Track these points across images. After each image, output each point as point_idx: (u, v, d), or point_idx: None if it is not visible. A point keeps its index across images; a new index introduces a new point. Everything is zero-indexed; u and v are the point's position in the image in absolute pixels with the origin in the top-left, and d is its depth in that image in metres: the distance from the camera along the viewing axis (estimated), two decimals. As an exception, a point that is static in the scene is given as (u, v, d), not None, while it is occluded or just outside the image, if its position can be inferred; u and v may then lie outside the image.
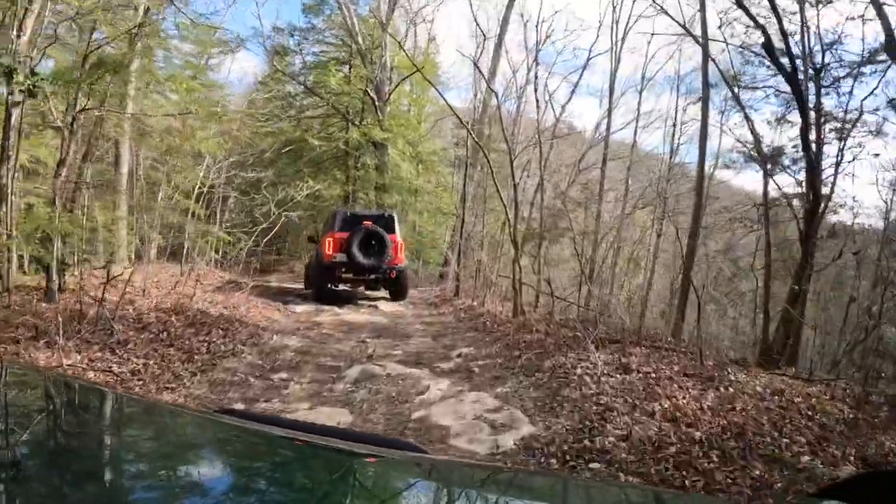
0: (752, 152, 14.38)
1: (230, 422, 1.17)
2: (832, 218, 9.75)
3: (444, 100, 10.60)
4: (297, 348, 7.38)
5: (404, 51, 16.55)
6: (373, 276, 10.64)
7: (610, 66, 21.86)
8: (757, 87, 10.10)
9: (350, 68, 20.56)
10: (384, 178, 19.40)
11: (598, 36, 26.51)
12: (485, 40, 19.55)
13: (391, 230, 10.72)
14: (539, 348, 6.99)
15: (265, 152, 20.78)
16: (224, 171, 15.65)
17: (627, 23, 21.68)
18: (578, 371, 5.85)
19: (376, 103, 19.40)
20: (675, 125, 22.43)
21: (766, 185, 9.73)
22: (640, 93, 22.37)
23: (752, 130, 10.03)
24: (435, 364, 6.60)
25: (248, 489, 0.86)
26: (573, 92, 22.46)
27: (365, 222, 10.52)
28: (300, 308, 10.71)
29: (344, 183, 19.46)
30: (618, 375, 5.87)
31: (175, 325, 7.88)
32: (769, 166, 10.23)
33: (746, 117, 10.08)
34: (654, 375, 5.97)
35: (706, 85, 12.65)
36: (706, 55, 11.95)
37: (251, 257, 19.62)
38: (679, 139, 22.16)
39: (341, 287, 11.23)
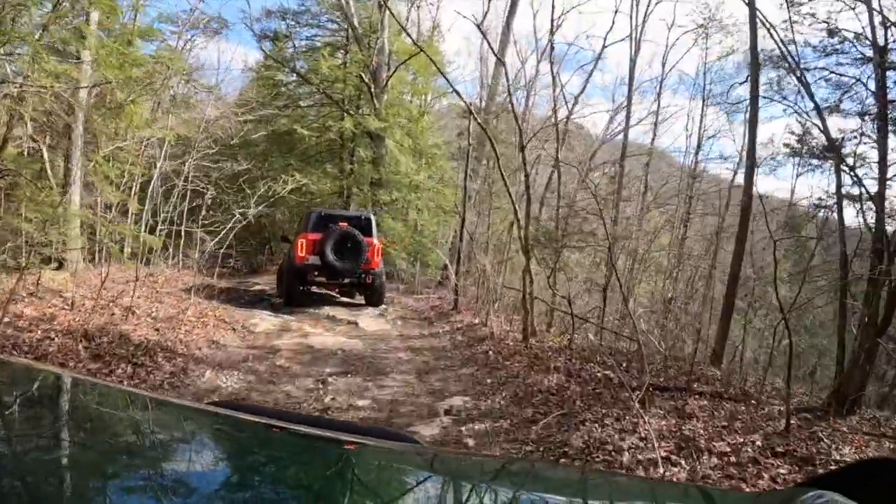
0: (799, 145, 12.25)
1: (223, 413, 1.14)
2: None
3: (447, 80, 8.67)
4: (230, 393, 5.34)
5: (404, 29, 14.52)
6: (347, 280, 9.91)
7: (629, 52, 19.78)
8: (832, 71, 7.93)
9: (346, 53, 18.44)
10: (381, 172, 17.33)
11: (613, 23, 24.08)
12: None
13: (368, 232, 9.94)
14: (561, 402, 4.91)
15: (254, 145, 18.77)
16: (191, 161, 13.61)
17: (648, 5, 19.49)
18: (625, 455, 3.78)
19: (373, 90, 17.33)
20: (701, 118, 20.38)
21: (839, 179, 7.59)
22: (661, 81, 20.25)
23: (821, 116, 7.88)
24: (413, 427, 4.53)
25: (240, 480, 0.84)
26: (587, 81, 20.18)
27: (340, 223, 9.74)
28: (263, 325, 8.70)
29: (336, 178, 17.39)
30: (683, 462, 3.80)
31: (79, 357, 5.91)
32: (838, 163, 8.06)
33: (813, 101, 7.93)
34: (733, 459, 3.96)
35: (755, 62, 10.49)
36: (754, 23, 9.80)
37: (230, 259, 17.70)
38: (704, 133, 20.06)
39: (315, 290, 10.46)
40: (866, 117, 8.34)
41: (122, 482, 0.77)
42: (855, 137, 8.33)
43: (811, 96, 8.01)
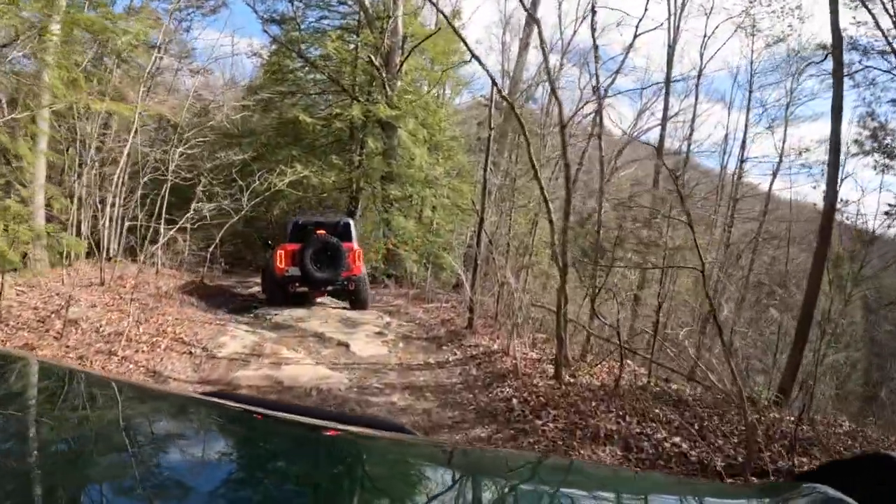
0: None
1: (219, 403, 1.12)
2: None
3: (470, 50, 6.74)
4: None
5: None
6: (329, 288, 9.52)
7: (667, 39, 17.67)
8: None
9: (358, 36, 16.53)
10: (392, 165, 15.44)
11: (646, 9, 21.73)
12: None
13: (347, 238, 9.54)
14: None
15: (256, 134, 17.02)
16: (174, 150, 11.85)
17: (689, -15, 17.30)
18: None
19: (384, 76, 15.45)
20: (747, 111, 18.16)
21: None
22: (699, 75, 18.01)
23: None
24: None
25: (237, 470, 0.83)
26: (617, 72, 17.91)
27: (318, 231, 9.30)
28: (232, 346, 6.92)
29: (343, 171, 15.50)
30: None
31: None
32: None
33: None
34: None
35: (837, 37, 8.43)
36: None
37: (222, 256, 15.99)
38: (748, 128, 17.85)
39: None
40: None
41: (110, 471, 0.75)
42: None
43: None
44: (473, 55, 7.20)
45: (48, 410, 0.96)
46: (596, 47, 7.79)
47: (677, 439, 4.67)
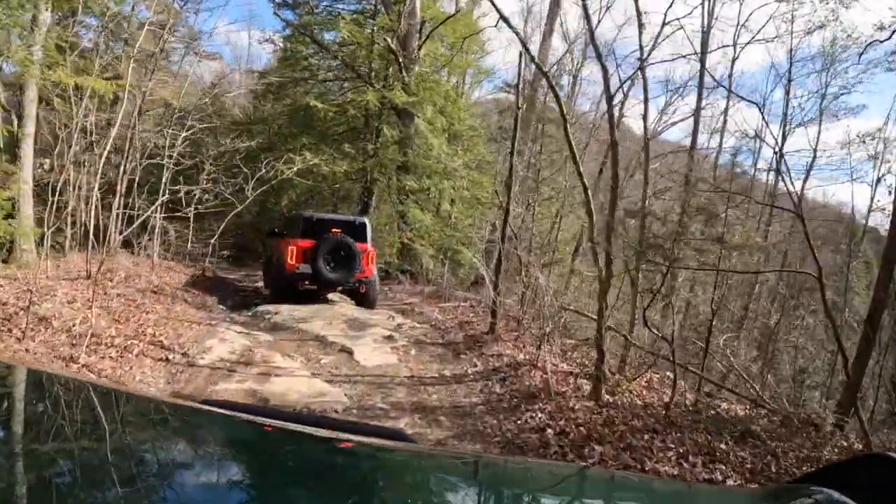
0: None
1: (217, 412, 1.11)
2: None
3: (497, 9, 5.57)
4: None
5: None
6: (339, 289, 9.18)
7: (701, 24, 16.34)
8: None
9: (374, 18, 15.49)
10: (409, 155, 14.40)
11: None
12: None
13: (362, 238, 9.03)
14: None
15: (267, 122, 16.12)
16: (169, 132, 10.97)
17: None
18: None
19: (401, 61, 14.40)
20: (786, 102, 16.77)
21: None
22: (733, 61, 16.60)
23: None
24: None
25: (236, 478, 0.83)
26: (653, 48, 16.65)
27: (333, 230, 8.81)
28: (218, 350, 5.98)
29: (356, 160, 14.47)
30: None
31: None
32: None
33: None
34: None
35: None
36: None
37: (224, 250, 15.14)
38: (791, 121, 16.46)
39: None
40: None
41: (116, 480, 0.73)
42: None
43: None
44: (501, 16, 6.11)
45: (45, 424, 0.91)
46: (639, 13, 6.60)
47: (754, 486, 3.62)
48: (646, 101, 6.85)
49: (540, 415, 4.57)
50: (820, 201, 19.00)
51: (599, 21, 22.85)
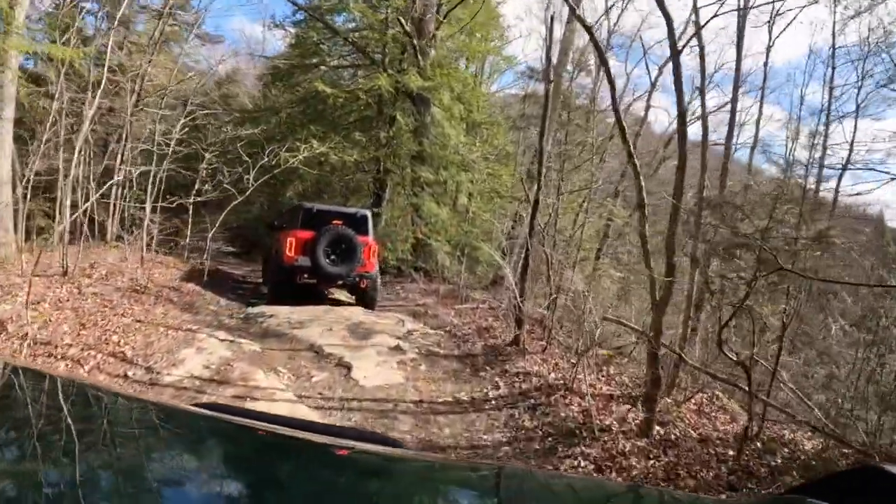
0: None
1: (209, 415, 1.09)
2: None
3: None
4: None
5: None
6: (339, 283, 8.70)
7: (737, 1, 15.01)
8: None
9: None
10: (424, 144, 13.32)
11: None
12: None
13: (364, 231, 8.60)
14: None
15: (276, 111, 15.13)
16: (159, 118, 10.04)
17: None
18: None
19: (416, 44, 13.31)
20: (828, 92, 15.40)
21: None
22: (769, 49, 15.16)
23: None
24: None
25: (226, 483, 0.81)
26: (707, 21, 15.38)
27: (334, 221, 8.38)
28: (189, 364, 5.01)
29: (367, 148, 13.41)
30: None
31: None
32: None
33: None
34: None
35: None
36: None
37: (225, 244, 14.25)
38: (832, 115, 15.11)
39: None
40: None
41: (103, 483, 0.73)
42: None
43: None
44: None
45: (29, 424, 0.88)
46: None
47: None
48: (702, 72, 5.66)
49: (583, 461, 3.48)
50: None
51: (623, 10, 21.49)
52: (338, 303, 9.07)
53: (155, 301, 7.39)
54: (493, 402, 4.68)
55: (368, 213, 9.15)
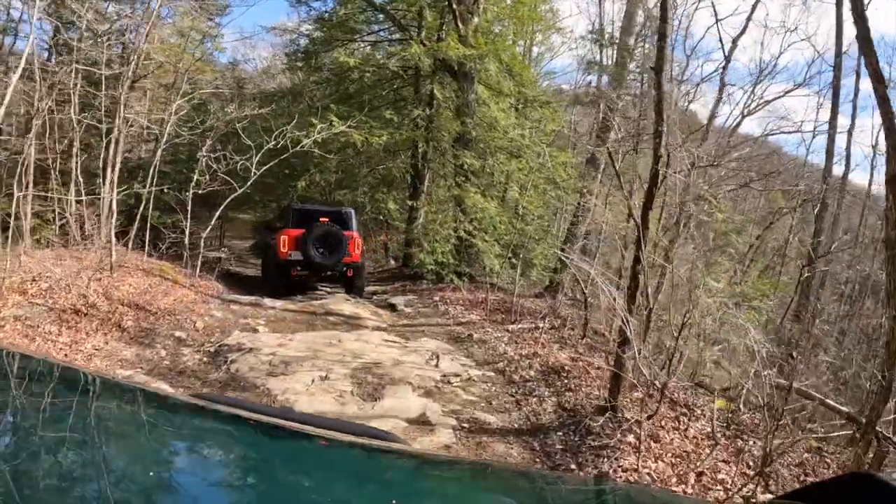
0: None
1: (203, 405, 1.08)
2: None
3: None
4: None
5: None
6: (329, 273, 9.17)
7: None
8: None
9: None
10: (467, 125, 10.95)
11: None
12: None
13: (348, 226, 9.12)
14: None
15: (299, 93, 13.08)
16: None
17: None
18: None
19: (456, 9, 10.92)
20: None
21: None
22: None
23: None
24: None
25: (218, 471, 0.81)
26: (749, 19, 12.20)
27: (321, 219, 8.90)
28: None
29: (400, 129, 11.09)
30: None
31: None
32: None
33: None
34: None
35: None
36: None
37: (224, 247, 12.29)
38: None
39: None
40: None
41: (84, 473, 0.72)
42: None
43: None
44: None
45: (22, 410, 0.87)
46: None
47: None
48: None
49: None
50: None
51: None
52: (352, 322, 6.86)
53: (98, 327, 5.32)
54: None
55: (352, 211, 9.72)
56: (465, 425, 3.73)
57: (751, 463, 3.29)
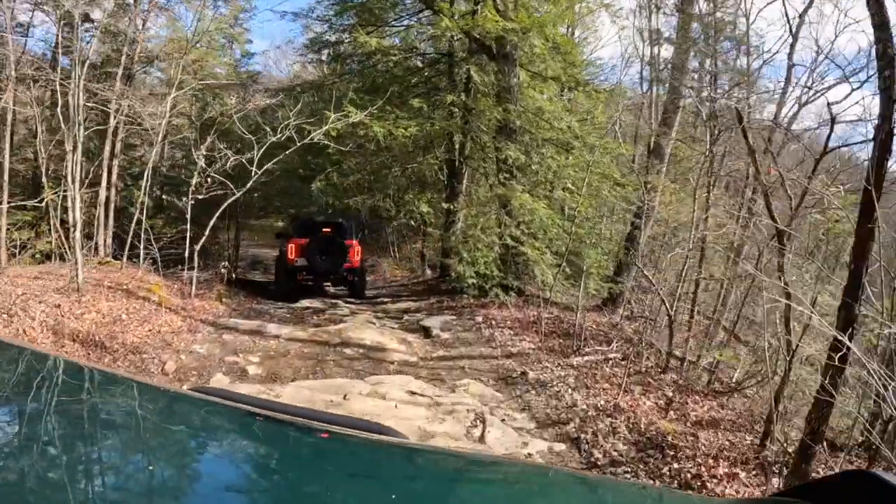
0: None
1: (206, 399, 1.05)
2: None
3: None
4: None
5: None
6: (331, 277, 9.92)
7: None
8: None
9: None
10: (510, 113, 9.31)
11: None
12: None
13: (348, 236, 9.81)
14: None
15: (319, 87, 11.74)
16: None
17: None
18: None
19: (494, -21, 9.28)
20: None
21: None
22: None
23: None
24: None
25: (222, 464, 0.79)
26: None
27: (325, 230, 9.62)
28: None
29: (431, 119, 9.52)
30: None
31: None
32: None
33: None
34: None
35: None
36: None
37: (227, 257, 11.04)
38: None
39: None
40: None
41: (100, 463, 0.70)
42: None
43: None
44: None
45: (25, 403, 0.85)
46: None
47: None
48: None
49: None
50: None
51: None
52: (373, 356, 5.33)
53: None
54: None
55: (353, 222, 10.64)
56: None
57: None
